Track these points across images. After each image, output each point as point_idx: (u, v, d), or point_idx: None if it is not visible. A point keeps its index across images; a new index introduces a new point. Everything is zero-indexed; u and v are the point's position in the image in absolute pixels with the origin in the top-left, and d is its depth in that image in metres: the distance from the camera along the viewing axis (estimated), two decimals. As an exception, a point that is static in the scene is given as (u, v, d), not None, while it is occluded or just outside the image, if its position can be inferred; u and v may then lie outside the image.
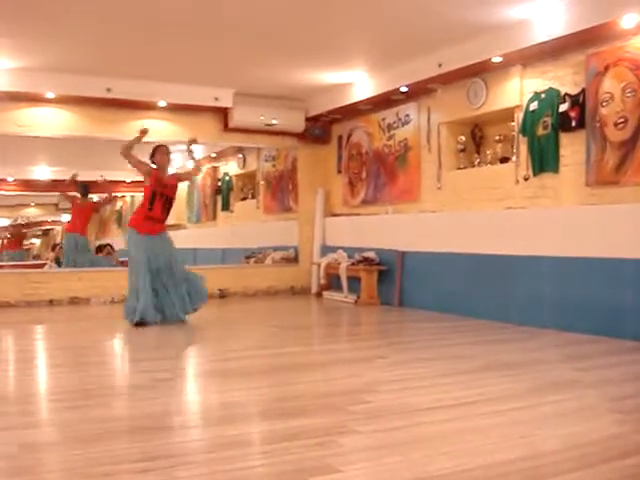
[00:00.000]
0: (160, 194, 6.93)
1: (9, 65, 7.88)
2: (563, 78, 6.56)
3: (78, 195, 11.02)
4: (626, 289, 5.71)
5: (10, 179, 11.79)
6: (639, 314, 5.59)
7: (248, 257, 11.22)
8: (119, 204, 13.83)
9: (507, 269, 6.94)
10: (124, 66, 8.10)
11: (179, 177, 7.48)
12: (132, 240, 6.89)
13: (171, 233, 7.15)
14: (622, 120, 5.92)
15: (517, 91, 7.03)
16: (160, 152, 7.06)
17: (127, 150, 6.82)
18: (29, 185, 12.09)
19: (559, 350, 5.43)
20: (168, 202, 7.02)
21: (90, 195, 11.24)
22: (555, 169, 6.62)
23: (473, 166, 7.85)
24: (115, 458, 2.79)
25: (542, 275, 6.53)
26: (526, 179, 6.94)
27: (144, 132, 6.99)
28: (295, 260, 10.61)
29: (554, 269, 6.40)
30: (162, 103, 9.09)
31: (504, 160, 7.38)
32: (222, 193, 12.73)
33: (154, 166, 7.00)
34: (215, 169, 12.97)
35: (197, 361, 5.12)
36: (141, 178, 7.11)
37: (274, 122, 9.75)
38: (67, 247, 10.83)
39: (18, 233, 13.36)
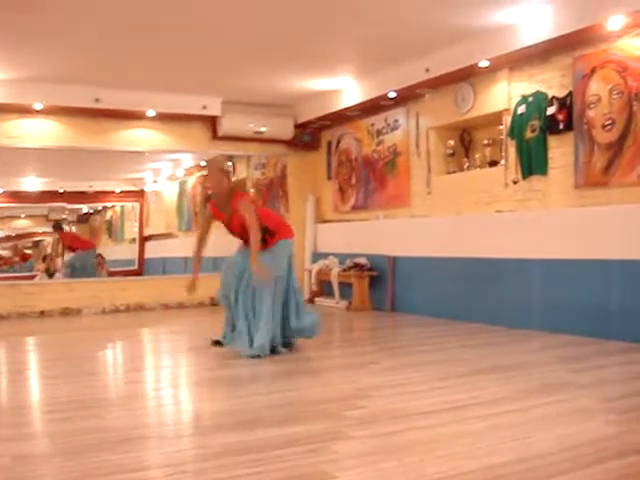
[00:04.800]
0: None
1: (-4, 76, 7.86)
2: (550, 81, 6.59)
3: None
4: (615, 290, 5.75)
5: (-1, 190, 11.76)
6: (628, 315, 5.63)
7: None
8: (109, 214, 13.78)
9: (498, 272, 6.97)
10: (112, 76, 8.08)
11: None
12: None
13: (162, 242, 7.02)
14: (609, 122, 5.96)
15: (505, 95, 7.06)
16: None
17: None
18: (18, 197, 12.04)
19: (551, 352, 5.44)
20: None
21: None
22: (544, 172, 6.64)
23: (462, 170, 7.88)
24: (109, 469, 2.78)
25: (532, 278, 6.55)
26: (515, 182, 6.96)
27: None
28: (287, 267, 10.57)
29: (544, 271, 6.43)
30: (151, 112, 9.08)
31: (493, 164, 7.40)
32: (212, 201, 12.67)
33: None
34: (205, 177, 12.94)
35: (190, 370, 5.10)
36: (129, 188, 6.87)
37: (263, 130, 9.75)
38: None
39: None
